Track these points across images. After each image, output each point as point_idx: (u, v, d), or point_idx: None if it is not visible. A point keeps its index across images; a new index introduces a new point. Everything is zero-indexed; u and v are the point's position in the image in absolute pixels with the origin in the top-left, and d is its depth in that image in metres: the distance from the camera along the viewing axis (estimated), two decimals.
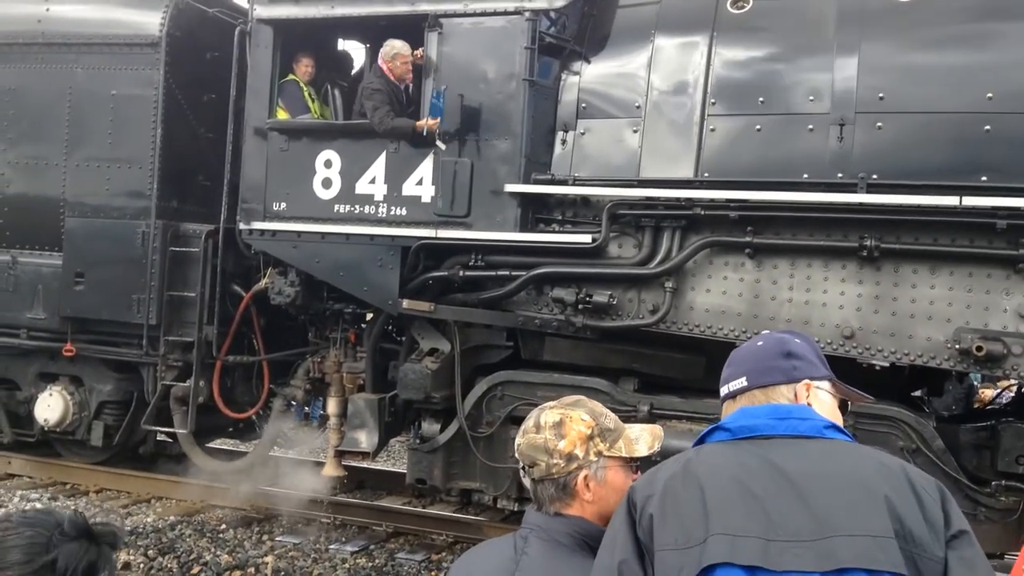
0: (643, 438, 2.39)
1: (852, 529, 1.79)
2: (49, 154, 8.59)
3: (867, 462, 1.93)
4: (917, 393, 7.19)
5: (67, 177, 8.54)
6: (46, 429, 8.91)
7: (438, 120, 6.71)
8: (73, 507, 8.51)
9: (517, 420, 6.96)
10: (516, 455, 2.38)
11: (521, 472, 2.39)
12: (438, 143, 6.79)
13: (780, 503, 1.85)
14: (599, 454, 2.30)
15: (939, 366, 5.92)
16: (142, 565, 7.27)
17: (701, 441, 2.09)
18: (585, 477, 2.29)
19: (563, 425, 2.29)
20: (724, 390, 2.21)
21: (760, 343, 2.22)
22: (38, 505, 8.48)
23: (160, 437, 9.55)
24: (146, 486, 9.09)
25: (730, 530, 1.83)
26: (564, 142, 6.88)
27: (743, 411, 2.08)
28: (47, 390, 8.88)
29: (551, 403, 2.38)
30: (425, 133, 6.85)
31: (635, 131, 6.67)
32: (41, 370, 9.06)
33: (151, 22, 8.23)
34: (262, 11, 7.61)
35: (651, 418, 6.56)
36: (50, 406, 8.80)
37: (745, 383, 2.15)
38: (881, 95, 6.06)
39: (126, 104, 8.32)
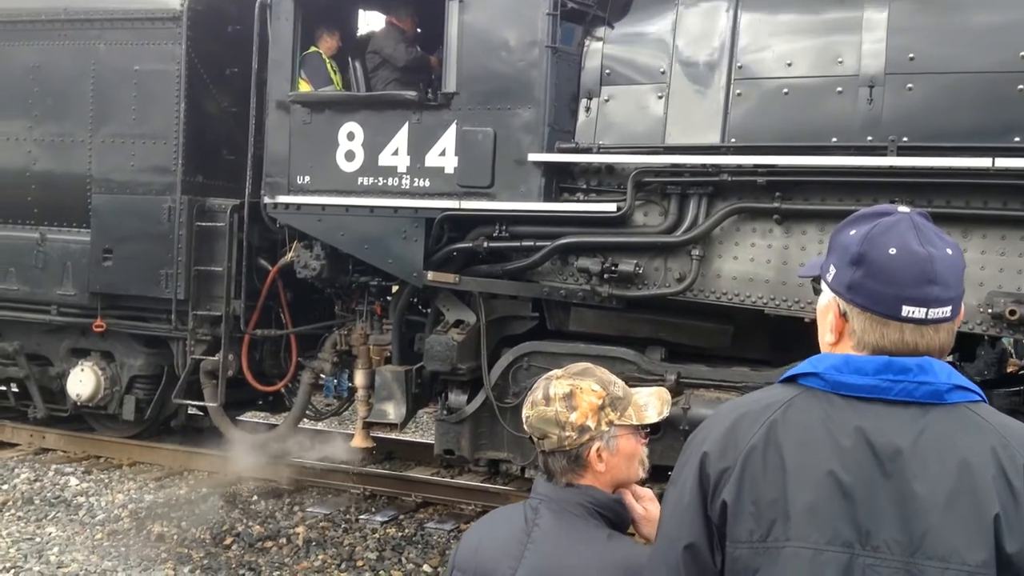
0: (652, 404, 2.33)
1: (948, 555, 1.56)
2: (74, 131, 8.59)
3: (986, 458, 1.61)
4: (949, 358, 7.06)
5: (93, 154, 8.54)
6: (79, 404, 8.99)
7: None
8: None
9: None
10: (525, 427, 2.28)
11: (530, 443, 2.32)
12: None
13: (873, 504, 1.61)
14: (610, 423, 2.24)
15: (971, 331, 5.78)
16: (175, 536, 7.33)
17: (790, 379, 1.76)
18: (598, 449, 2.24)
19: (574, 396, 2.22)
20: (840, 286, 1.75)
21: (894, 251, 1.69)
22: (73, 480, 8.57)
23: (191, 411, 9.60)
24: (178, 459, 9.14)
25: (812, 542, 1.61)
26: (588, 109, 6.77)
27: (847, 361, 1.70)
28: (79, 365, 8.95)
29: (558, 372, 2.30)
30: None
31: (660, 97, 6.55)
32: (72, 346, 9.12)
33: None
34: None
35: (678, 387, 6.50)
36: (82, 381, 8.88)
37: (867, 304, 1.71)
38: (911, 55, 5.91)
39: (149, 79, 8.29)
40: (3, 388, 9.70)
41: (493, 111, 6.80)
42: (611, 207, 6.55)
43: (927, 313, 1.66)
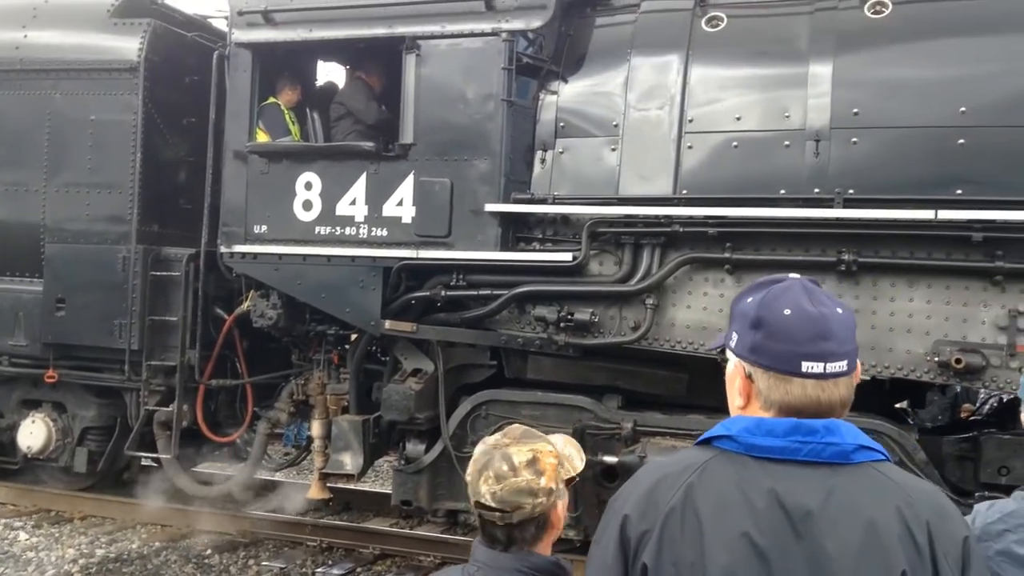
0: (573, 452, 2.39)
1: None
2: (29, 180, 8.53)
3: (892, 516, 1.70)
4: (901, 404, 7.21)
5: (47, 203, 8.48)
6: (29, 456, 8.83)
7: None
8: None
9: None
10: (491, 502, 2.23)
11: (480, 514, 2.27)
12: None
13: (787, 565, 1.68)
14: (561, 480, 2.29)
15: (919, 379, 5.94)
16: None
17: (705, 442, 1.86)
18: (560, 508, 2.28)
19: (538, 461, 2.24)
20: (743, 350, 1.86)
21: (788, 312, 1.80)
22: (22, 535, 8.42)
23: (144, 462, 9.47)
24: (131, 512, 9.00)
25: None
26: (543, 161, 6.90)
27: (759, 424, 1.79)
28: (30, 417, 8.81)
29: (502, 440, 2.30)
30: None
31: (613, 149, 6.69)
32: (24, 397, 8.98)
33: (129, 47, 8.19)
34: (240, 35, 7.60)
35: (635, 435, 6.57)
36: (33, 433, 8.73)
37: (769, 363, 1.81)
38: (856, 110, 6.11)
39: (105, 129, 8.27)
40: None
41: (450, 162, 6.90)
42: (566, 256, 6.65)
43: (825, 367, 1.77)
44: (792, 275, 1.88)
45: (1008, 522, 2.20)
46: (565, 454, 2.34)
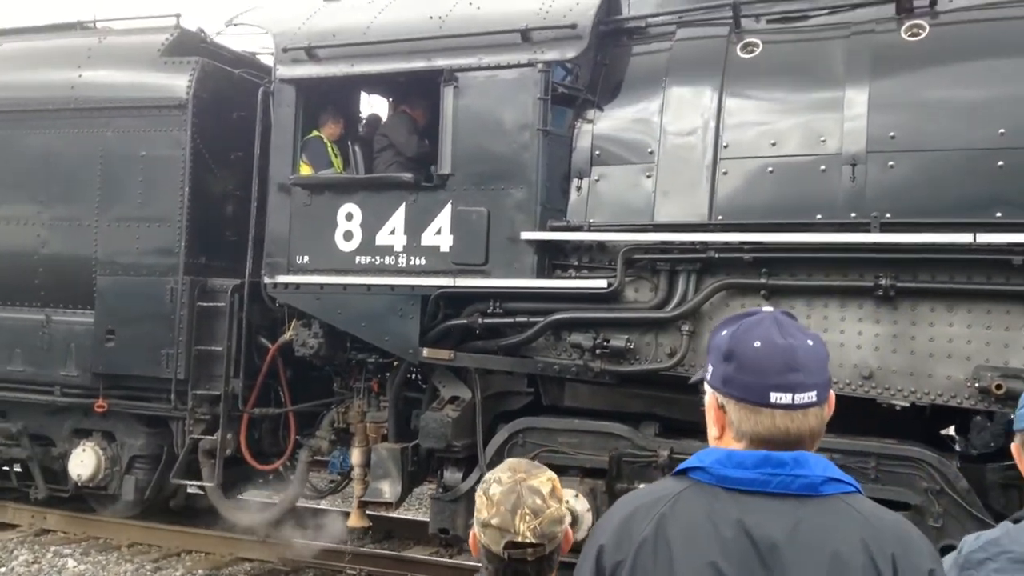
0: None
1: None
2: (82, 215, 8.71)
3: (856, 548, 1.73)
4: (950, 430, 7.02)
5: (99, 237, 8.64)
6: (79, 484, 8.92)
7: None
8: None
9: None
10: (527, 539, 2.21)
11: (511, 554, 2.23)
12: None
13: None
14: None
15: (959, 405, 5.78)
16: None
17: (681, 472, 1.91)
18: (568, 532, 2.30)
19: (555, 490, 2.27)
20: (716, 382, 1.91)
21: (758, 344, 1.85)
22: (71, 562, 8.51)
23: (191, 490, 9.55)
24: (176, 539, 9.07)
25: None
26: (579, 189, 6.89)
27: (730, 456, 1.83)
28: (80, 446, 8.92)
29: (518, 475, 2.29)
30: None
31: (649, 176, 6.66)
32: (75, 426, 9.10)
33: (178, 84, 8.38)
34: (285, 71, 7.73)
35: (671, 463, 6.47)
36: (83, 462, 8.84)
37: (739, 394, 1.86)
38: (892, 134, 6.02)
39: (155, 165, 8.42)
40: (6, 468, 9.64)
41: (487, 191, 6.92)
42: (602, 283, 6.61)
43: (793, 398, 1.80)
44: (766, 308, 1.94)
45: (989, 550, 2.16)
46: None
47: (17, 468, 9.65)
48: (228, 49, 9.21)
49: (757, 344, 1.83)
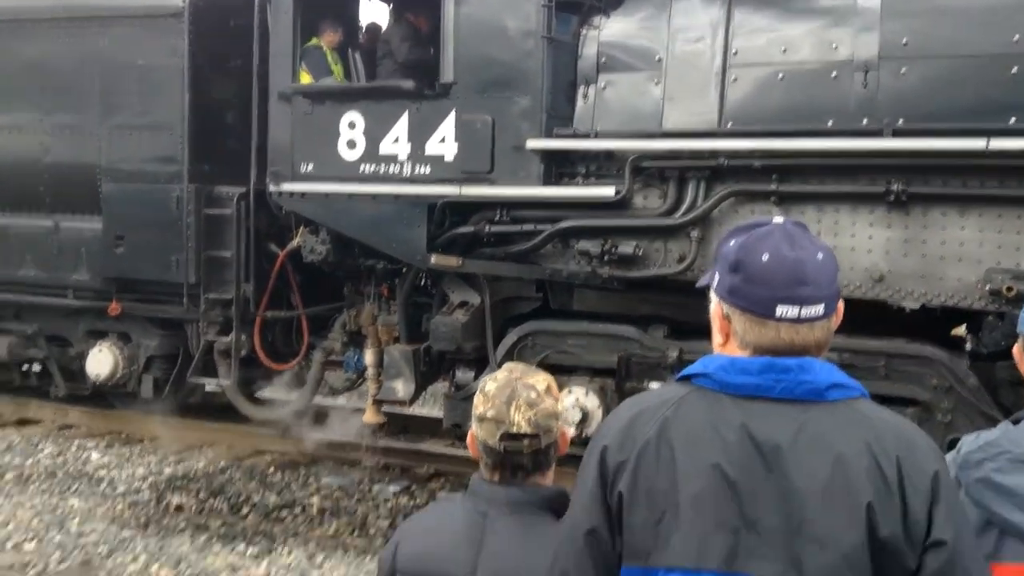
0: None
1: (825, 538, 1.58)
2: (84, 123, 8.25)
3: (861, 451, 1.61)
4: (961, 331, 6.78)
5: (102, 144, 8.20)
6: (97, 383, 8.73)
7: None
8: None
9: (550, 368, 6.59)
10: (522, 430, 2.10)
11: (507, 446, 2.11)
12: None
13: (756, 495, 1.62)
14: None
15: (970, 307, 5.56)
16: (193, 506, 7.16)
17: (685, 378, 1.77)
18: (565, 431, 2.22)
19: (551, 388, 2.18)
20: (722, 292, 1.76)
21: (766, 257, 1.70)
22: (95, 454, 8.27)
23: (209, 388, 9.28)
24: (197, 433, 8.92)
25: (698, 528, 1.63)
26: (586, 96, 6.42)
27: (733, 362, 1.71)
28: (97, 346, 8.69)
29: (514, 374, 2.19)
30: None
31: (657, 83, 6.19)
32: (90, 327, 8.86)
33: None
34: None
35: (680, 364, 6.19)
36: (100, 361, 8.60)
37: (746, 305, 1.71)
38: (905, 40, 5.58)
39: (154, 73, 7.94)
40: (25, 367, 9.35)
41: (491, 99, 6.46)
42: (610, 191, 6.24)
43: (800, 312, 1.68)
44: (777, 218, 1.79)
45: (987, 451, 2.06)
46: None
47: (36, 368, 9.36)
48: None
49: (765, 256, 1.70)
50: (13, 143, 8.55)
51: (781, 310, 1.68)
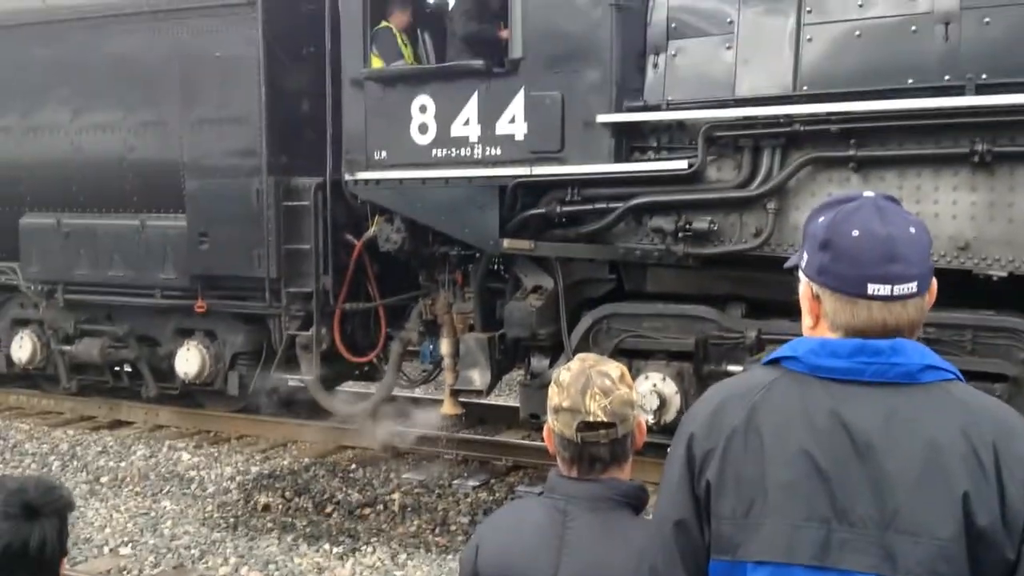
0: None
1: (919, 529, 1.58)
2: (165, 118, 8.76)
3: (956, 436, 1.61)
4: None
5: (184, 140, 8.69)
6: (187, 382, 9.23)
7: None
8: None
9: (626, 352, 6.81)
10: (598, 418, 2.14)
11: (584, 436, 2.16)
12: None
13: (847, 483, 1.63)
14: None
15: None
16: (280, 506, 7.49)
17: (773, 362, 1.79)
18: (641, 421, 2.24)
19: (624, 376, 2.21)
20: (811, 271, 1.77)
21: (856, 233, 1.71)
22: (185, 455, 8.85)
23: (292, 383, 9.78)
24: (281, 431, 9.34)
25: (789, 518, 1.64)
26: (656, 66, 6.58)
27: (823, 345, 1.72)
28: (184, 345, 9.20)
29: (588, 363, 2.22)
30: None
31: (728, 47, 6.31)
32: (178, 326, 9.38)
33: None
34: None
35: (759, 343, 6.31)
36: (188, 360, 9.13)
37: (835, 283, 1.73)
38: None
39: (231, 65, 8.37)
40: (117, 369, 10.00)
41: (560, 74, 6.67)
42: (682, 164, 6.37)
43: (892, 290, 1.69)
44: (867, 193, 1.79)
45: None
46: None
47: (127, 368, 10.00)
48: None
49: (855, 233, 1.70)
50: (98, 141, 9.09)
51: (872, 288, 1.68)
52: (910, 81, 5.71)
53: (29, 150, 9.51)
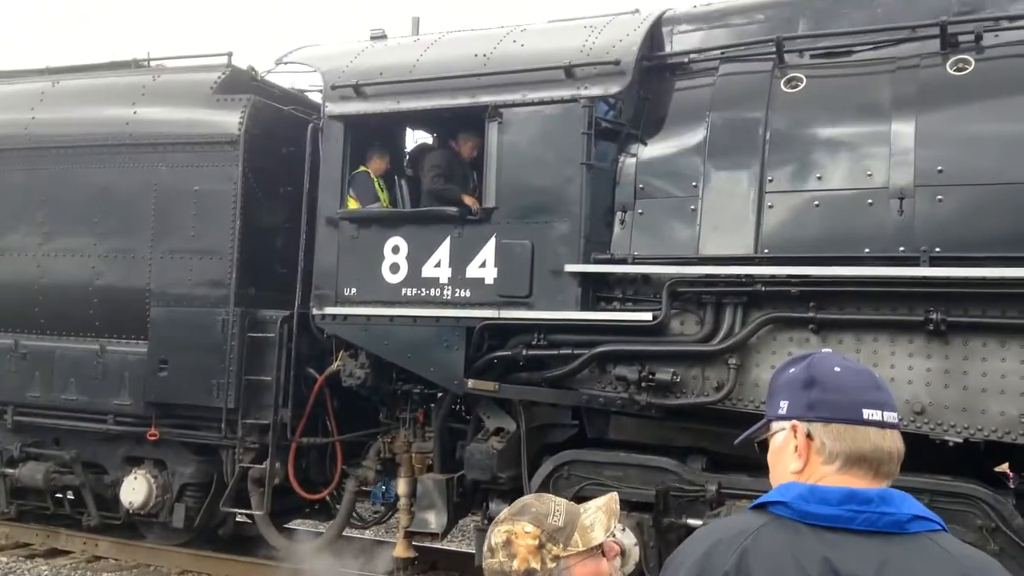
0: (598, 520, 2.22)
1: None
2: (136, 247, 8.75)
3: None
4: (1004, 467, 6.79)
5: (152, 269, 8.68)
6: (131, 512, 8.92)
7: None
8: None
9: (585, 499, 6.72)
10: None
11: None
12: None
13: None
14: (556, 558, 2.15)
15: (1014, 441, 5.58)
16: None
17: (760, 506, 1.81)
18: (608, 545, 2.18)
19: (511, 544, 2.16)
20: (799, 411, 1.84)
21: (838, 368, 1.82)
22: None
23: (239, 518, 9.50)
24: (225, 567, 9.00)
25: None
26: (623, 222, 6.79)
27: (812, 491, 1.73)
28: (132, 473, 8.93)
29: (500, 515, 2.24)
30: (473, 211, 7.07)
31: (693, 209, 6.55)
32: (127, 454, 9.13)
33: (230, 121, 8.42)
34: (333, 108, 7.73)
35: (720, 497, 6.32)
36: (135, 489, 8.84)
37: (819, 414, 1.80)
38: (940, 168, 5.87)
39: (207, 199, 8.46)
40: (59, 496, 9.64)
41: (531, 224, 6.85)
42: (647, 316, 6.50)
43: (883, 415, 1.76)
44: (825, 349, 2.01)
45: None
46: (559, 527, 2.19)
47: (70, 495, 9.66)
48: (278, 86, 9.27)
49: (837, 368, 1.80)
50: (67, 266, 9.02)
51: (867, 413, 1.74)
52: (867, 250, 5.95)
53: None
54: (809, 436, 1.79)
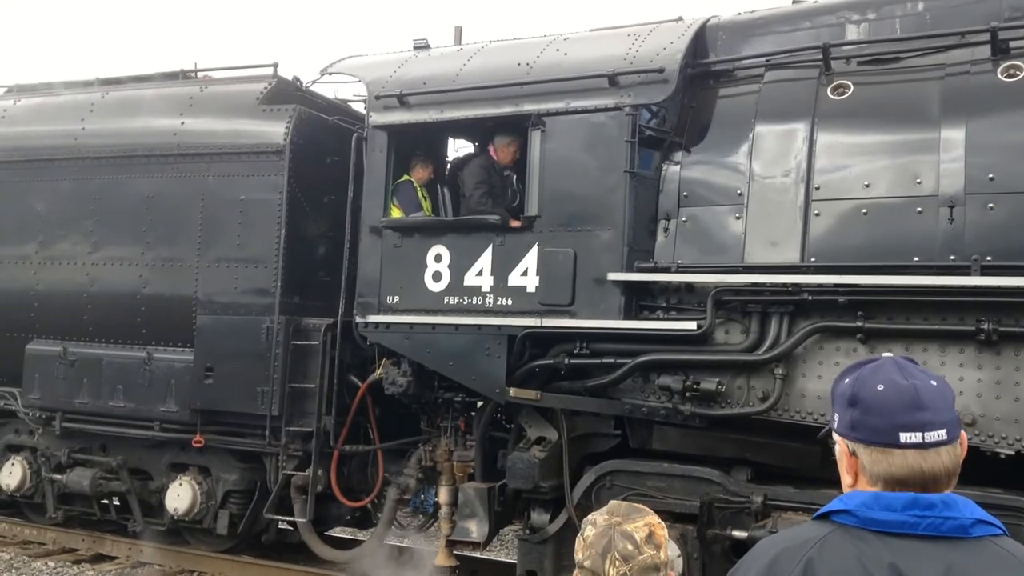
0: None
1: None
2: (183, 256, 8.83)
3: None
4: None
5: (199, 277, 8.75)
6: (175, 518, 8.97)
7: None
8: None
9: None
10: None
11: None
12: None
13: None
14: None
15: None
16: None
17: (823, 516, 1.81)
18: None
19: (654, 535, 2.19)
20: (844, 429, 1.83)
21: (881, 387, 1.79)
22: None
23: (282, 526, 9.51)
24: (267, 574, 9.00)
25: None
26: (667, 230, 6.70)
27: (877, 498, 1.73)
28: (177, 480, 8.98)
29: (615, 518, 2.22)
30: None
31: (738, 217, 6.45)
32: (172, 460, 9.19)
33: (276, 131, 8.48)
34: (377, 117, 7.73)
35: (765, 509, 6.19)
36: (179, 495, 8.89)
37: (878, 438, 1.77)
38: (991, 175, 5.73)
39: (253, 208, 8.53)
40: (105, 501, 9.71)
41: (574, 232, 6.79)
42: (691, 325, 6.39)
43: (924, 437, 1.73)
44: (886, 354, 1.91)
45: None
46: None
47: (116, 501, 9.74)
48: (323, 97, 9.32)
49: (880, 387, 1.78)
50: (114, 275, 9.13)
51: (904, 436, 1.72)
52: (916, 259, 5.82)
53: (44, 279, 9.53)
54: (854, 454, 1.81)
